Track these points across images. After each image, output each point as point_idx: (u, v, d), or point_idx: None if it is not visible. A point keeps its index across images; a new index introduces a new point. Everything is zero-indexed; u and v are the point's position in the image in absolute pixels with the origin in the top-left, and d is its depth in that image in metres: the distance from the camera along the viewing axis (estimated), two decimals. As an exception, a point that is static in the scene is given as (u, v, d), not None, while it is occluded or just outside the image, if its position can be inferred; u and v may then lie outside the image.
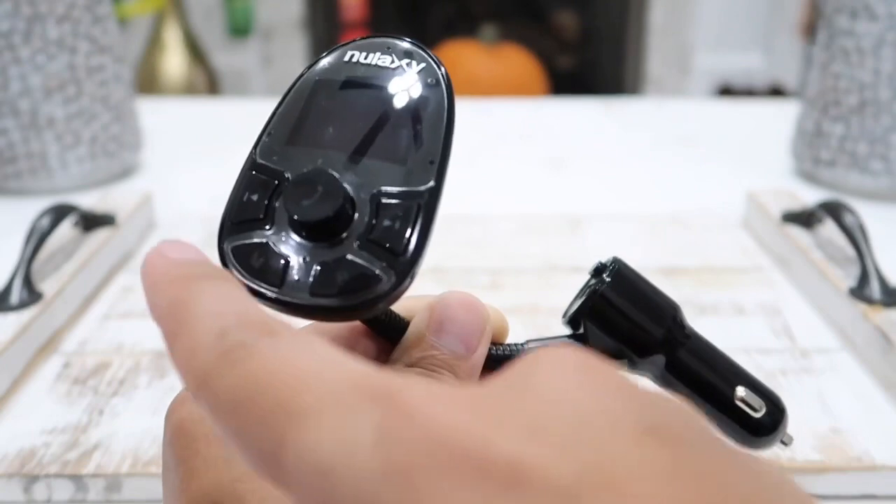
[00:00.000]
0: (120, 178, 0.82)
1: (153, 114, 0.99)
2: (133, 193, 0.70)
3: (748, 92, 2.52)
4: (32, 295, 0.51)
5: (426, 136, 0.23)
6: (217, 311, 0.17)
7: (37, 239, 0.54)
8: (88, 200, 0.67)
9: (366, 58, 0.25)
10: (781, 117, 0.97)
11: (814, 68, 0.80)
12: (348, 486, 0.14)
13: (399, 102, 0.24)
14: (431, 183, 0.23)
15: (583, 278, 0.29)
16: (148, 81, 1.89)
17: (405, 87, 0.24)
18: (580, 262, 0.62)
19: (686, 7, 2.45)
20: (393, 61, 0.25)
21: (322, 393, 0.15)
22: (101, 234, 0.61)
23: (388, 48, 0.25)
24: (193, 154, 0.91)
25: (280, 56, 2.43)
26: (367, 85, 0.24)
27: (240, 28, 2.36)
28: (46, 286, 0.53)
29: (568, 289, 0.29)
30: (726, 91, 2.56)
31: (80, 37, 0.75)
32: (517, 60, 2.27)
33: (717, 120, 1.06)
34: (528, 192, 0.80)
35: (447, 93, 0.24)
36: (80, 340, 0.52)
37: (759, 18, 2.60)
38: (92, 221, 0.62)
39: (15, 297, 0.51)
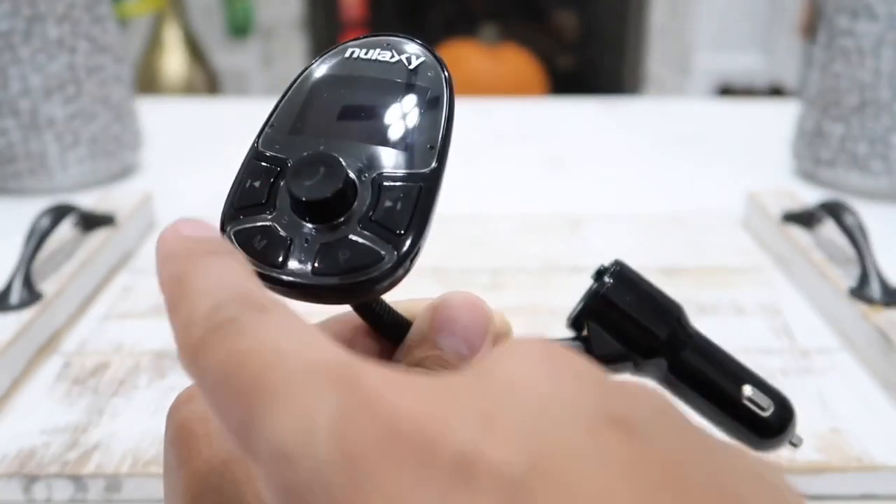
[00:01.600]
0: (120, 178, 0.82)
1: (153, 114, 0.99)
2: (133, 193, 0.70)
3: (748, 92, 2.52)
4: (32, 295, 0.51)
5: (426, 123, 0.24)
6: (215, 286, 0.17)
7: (37, 239, 0.54)
8: (88, 200, 0.66)
9: (366, 54, 0.26)
10: (781, 117, 0.97)
11: (814, 68, 0.80)
12: (304, 471, 0.14)
13: (399, 92, 0.25)
14: (433, 164, 0.23)
15: (583, 278, 0.29)
16: (148, 81, 1.89)
17: (405, 78, 0.25)
18: (580, 262, 0.62)
19: (686, 7, 2.45)
20: (392, 56, 0.25)
21: (289, 375, 0.15)
22: (100, 234, 0.61)
23: (388, 44, 0.26)
24: (193, 154, 0.91)
25: (280, 56, 2.43)
26: (368, 77, 0.25)
27: (240, 28, 2.36)
28: (46, 286, 0.53)
29: (568, 289, 0.29)
30: (726, 91, 2.56)
31: (79, 37, 0.75)
32: (517, 60, 2.27)
33: (717, 120, 1.06)
34: (528, 192, 0.80)
35: (446, 83, 0.25)
36: (80, 340, 0.52)
37: (759, 18, 2.60)
38: (92, 221, 0.62)
39: (15, 296, 0.51)
